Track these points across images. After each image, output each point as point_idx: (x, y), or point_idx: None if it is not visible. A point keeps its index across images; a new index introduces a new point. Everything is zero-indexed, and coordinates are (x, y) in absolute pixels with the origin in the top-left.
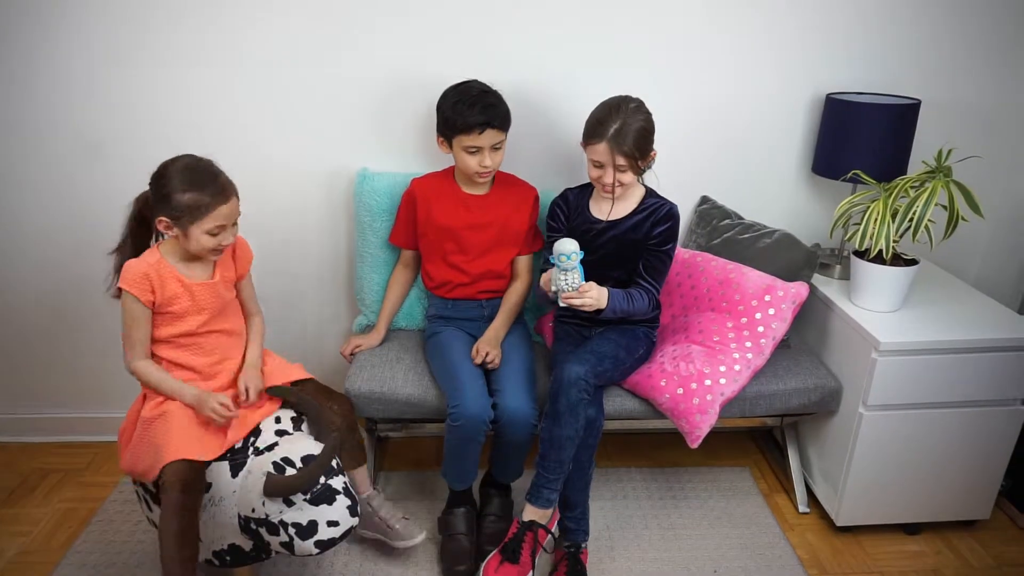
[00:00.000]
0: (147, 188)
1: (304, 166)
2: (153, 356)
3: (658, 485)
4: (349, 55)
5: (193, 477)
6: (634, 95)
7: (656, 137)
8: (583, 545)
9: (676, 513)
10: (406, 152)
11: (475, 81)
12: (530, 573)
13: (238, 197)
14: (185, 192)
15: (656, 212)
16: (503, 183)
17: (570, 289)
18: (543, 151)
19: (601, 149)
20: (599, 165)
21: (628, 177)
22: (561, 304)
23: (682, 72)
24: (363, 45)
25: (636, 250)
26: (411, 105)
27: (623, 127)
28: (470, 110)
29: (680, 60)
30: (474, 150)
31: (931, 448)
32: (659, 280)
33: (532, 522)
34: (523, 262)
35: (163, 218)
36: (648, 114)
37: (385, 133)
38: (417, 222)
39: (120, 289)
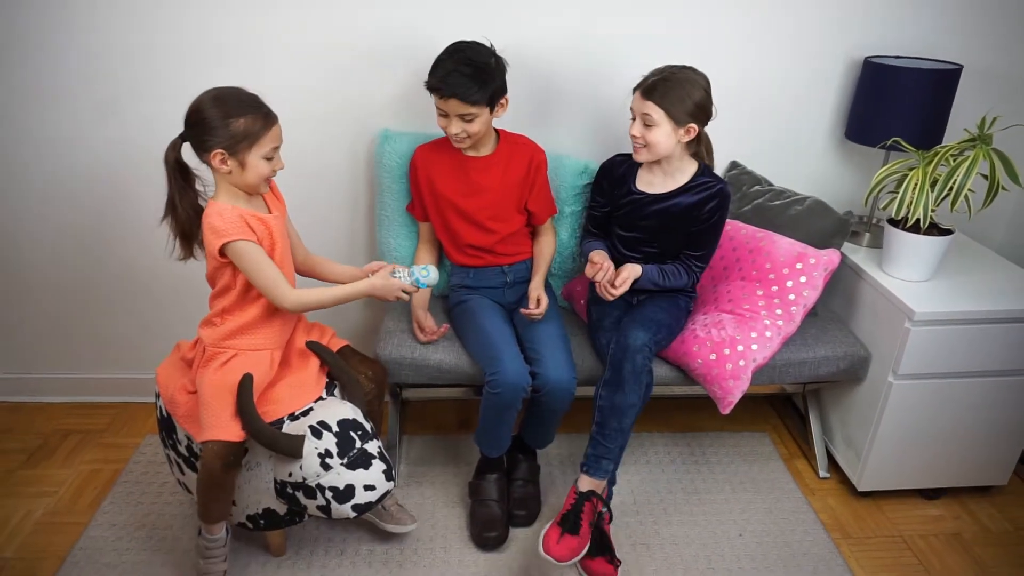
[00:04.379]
0: (177, 136)
1: (324, 127)
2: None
3: (680, 450)
4: (370, 12)
5: (233, 457)
6: (674, 60)
7: None
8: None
9: (699, 478)
10: (429, 112)
11: (469, 43)
12: (588, 544)
13: None
14: (239, 117)
15: (704, 190)
16: (508, 143)
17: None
18: (583, 119)
19: (634, 98)
20: (632, 118)
21: (656, 136)
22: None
23: (715, 34)
24: (385, 1)
25: (678, 227)
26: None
27: (659, 81)
28: (436, 70)
29: (714, 21)
30: (442, 112)
31: (956, 416)
32: (702, 256)
33: (591, 492)
34: (544, 224)
35: (219, 151)
36: (697, 82)
37: (407, 93)
38: (422, 192)
39: (223, 246)
